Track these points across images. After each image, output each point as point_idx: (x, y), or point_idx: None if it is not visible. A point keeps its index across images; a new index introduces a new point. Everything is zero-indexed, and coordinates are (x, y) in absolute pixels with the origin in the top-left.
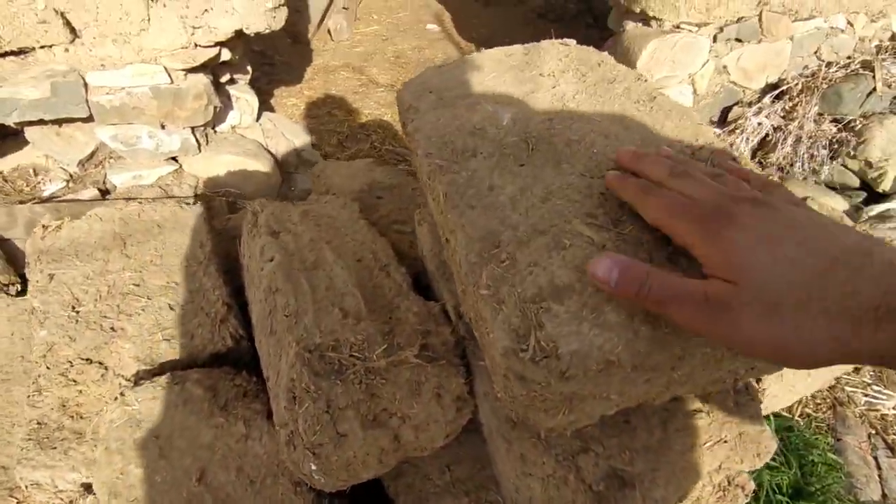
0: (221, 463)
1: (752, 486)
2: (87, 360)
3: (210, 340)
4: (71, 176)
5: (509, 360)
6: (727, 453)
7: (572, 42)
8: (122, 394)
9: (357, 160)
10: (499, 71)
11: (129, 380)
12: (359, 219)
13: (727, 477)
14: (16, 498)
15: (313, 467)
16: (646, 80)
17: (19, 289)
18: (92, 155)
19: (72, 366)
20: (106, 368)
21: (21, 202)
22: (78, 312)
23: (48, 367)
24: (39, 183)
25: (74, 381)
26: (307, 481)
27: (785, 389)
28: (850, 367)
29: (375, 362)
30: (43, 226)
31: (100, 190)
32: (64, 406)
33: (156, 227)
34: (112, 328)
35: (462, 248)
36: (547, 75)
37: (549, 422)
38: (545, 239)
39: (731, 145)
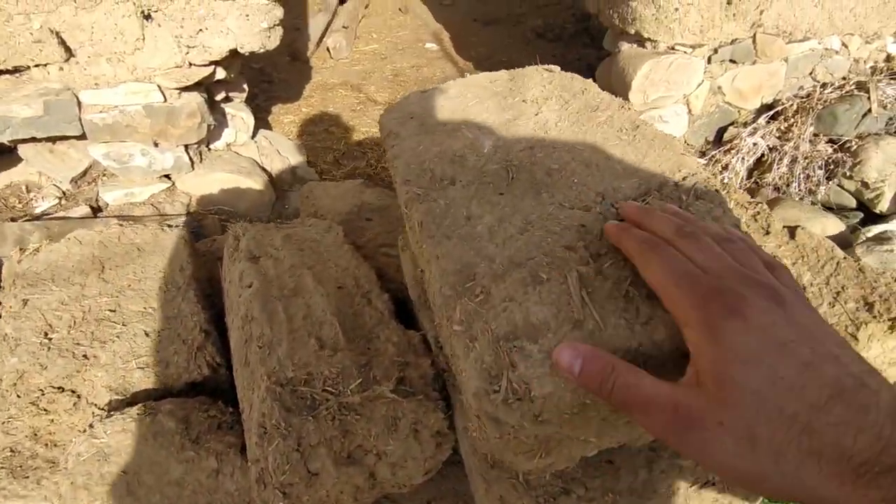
0: (191, 500)
1: None
2: (58, 388)
3: (186, 369)
4: (63, 193)
5: (481, 402)
6: (715, 496)
7: (556, 68)
8: (90, 426)
9: (346, 181)
10: (482, 97)
11: (102, 409)
12: (343, 243)
13: None
14: None
15: None
16: (629, 109)
17: None
18: (85, 172)
19: (43, 394)
20: (79, 397)
21: (12, 219)
22: (50, 339)
23: (18, 396)
24: (32, 200)
25: (45, 409)
26: None
27: None
28: None
29: (350, 397)
30: (20, 249)
31: (92, 207)
32: (36, 435)
33: (136, 250)
34: (85, 356)
35: (437, 280)
36: (530, 102)
37: (525, 464)
38: (522, 272)
39: (727, 165)
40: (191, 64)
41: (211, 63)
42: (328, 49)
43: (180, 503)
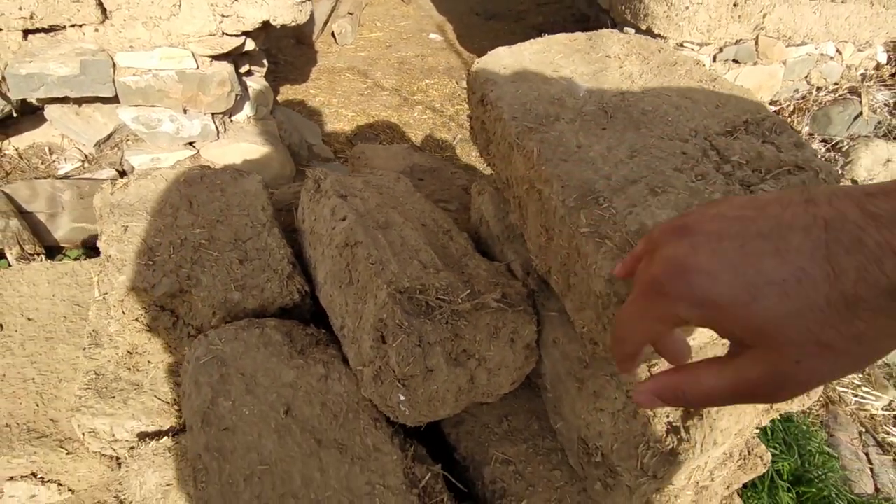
0: (305, 399)
1: (769, 456)
2: (160, 307)
3: (279, 294)
4: (86, 156)
5: (614, 286)
6: None
7: (632, 31)
8: (205, 335)
9: (395, 144)
10: (566, 53)
11: (197, 329)
12: (414, 191)
13: (747, 447)
14: (65, 449)
15: (402, 398)
16: (705, 66)
17: (43, 260)
18: (109, 136)
19: (146, 312)
20: (177, 317)
21: (37, 178)
22: (154, 262)
23: (124, 312)
24: (55, 161)
25: (148, 326)
26: (391, 414)
27: None
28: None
29: (460, 305)
30: (111, 181)
31: (117, 171)
32: (130, 353)
33: (218, 190)
34: (188, 277)
35: (558, 195)
36: (613, 57)
37: None
38: (639, 187)
39: None
40: (224, 33)
41: (243, 33)
42: (333, 34)
43: (296, 402)
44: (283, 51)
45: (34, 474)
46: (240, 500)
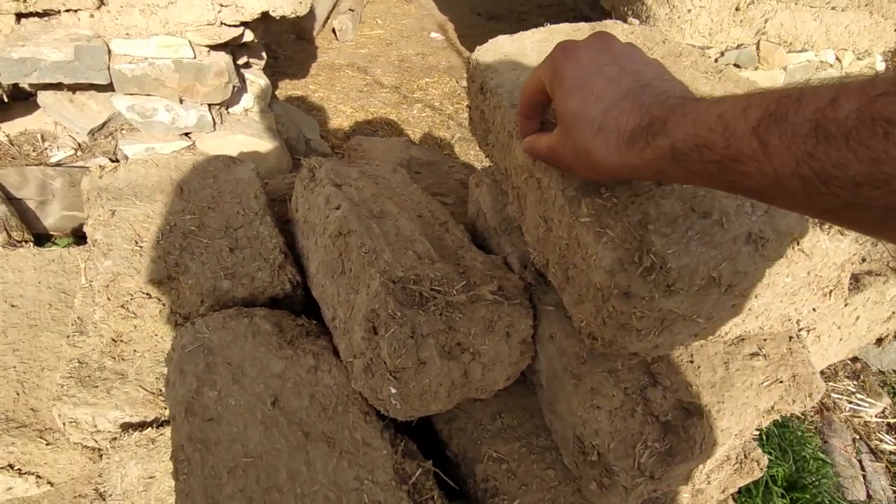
0: (294, 390)
1: (765, 461)
2: (147, 294)
3: (270, 284)
4: (79, 145)
5: (615, 277)
6: (781, 393)
7: (636, 22)
8: (192, 323)
9: (392, 138)
10: None
11: (185, 317)
12: (410, 182)
13: (744, 450)
14: (45, 440)
15: (393, 391)
16: (709, 58)
17: (31, 247)
18: (104, 125)
19: (132, 299)
20: (164, 305)
21: (27, 165)
22: (141, 248)
23: (109, 298)
24: (47, 149)
25: (134, 314)
26: (382, 408)
27: (819, 352)
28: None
29: (455, 297)
30: (100, 166)
31: (110, 160)
32: (115, 341)
33: (210, 177)
34: (176, 264)
35: (558, 184)
36: None
37: (636, 344)
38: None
39: None
40: (222, 23)
41: (241, 24)
42: (334, 31)
43: (284, 393)
44: (283, 46)
45: (11, 466)
46: (222, 494)
